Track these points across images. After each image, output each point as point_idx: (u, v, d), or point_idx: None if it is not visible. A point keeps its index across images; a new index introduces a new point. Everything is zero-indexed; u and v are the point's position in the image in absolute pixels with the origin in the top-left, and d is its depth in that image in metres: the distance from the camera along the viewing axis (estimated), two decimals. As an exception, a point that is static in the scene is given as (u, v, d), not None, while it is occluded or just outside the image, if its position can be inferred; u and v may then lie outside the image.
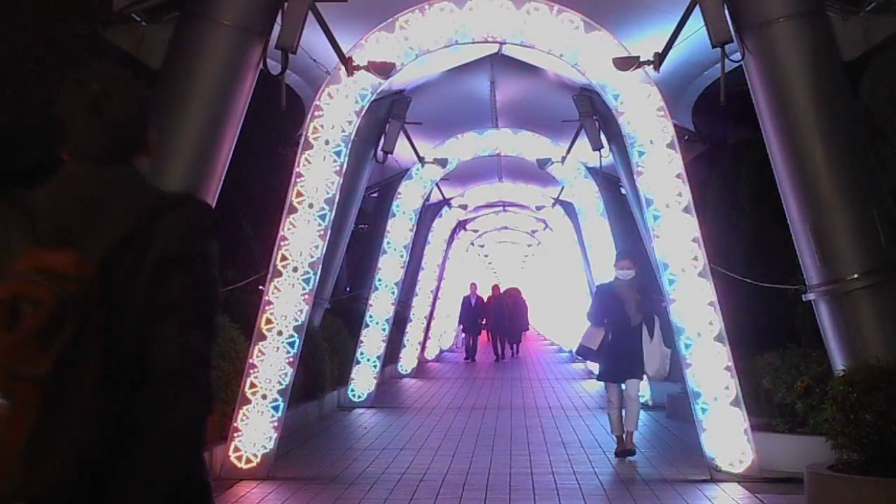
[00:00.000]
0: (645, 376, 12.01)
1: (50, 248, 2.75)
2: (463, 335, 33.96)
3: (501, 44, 13.04)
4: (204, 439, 2.84)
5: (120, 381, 2.72)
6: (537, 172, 20.33)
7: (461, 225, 31.49)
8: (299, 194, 10.76)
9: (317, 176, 10.79)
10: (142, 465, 2.71)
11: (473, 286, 33.21)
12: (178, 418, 2.75)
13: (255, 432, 10.29)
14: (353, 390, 17.98)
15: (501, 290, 35.32)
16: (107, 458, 2.69)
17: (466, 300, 32.53)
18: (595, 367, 15.04)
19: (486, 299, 33.82)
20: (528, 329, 37.31)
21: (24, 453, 2.57)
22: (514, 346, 34.21)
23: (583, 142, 16.77)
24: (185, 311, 2.81)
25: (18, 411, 2.57)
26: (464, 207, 27.00)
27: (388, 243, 19.52)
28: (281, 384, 10.44)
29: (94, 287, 2.70)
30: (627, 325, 11.69)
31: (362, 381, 18.16)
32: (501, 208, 29.74)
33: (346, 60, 10.72)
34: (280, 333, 10.48)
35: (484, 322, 32.97)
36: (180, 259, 2.82)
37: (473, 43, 11.49)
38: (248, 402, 10.36)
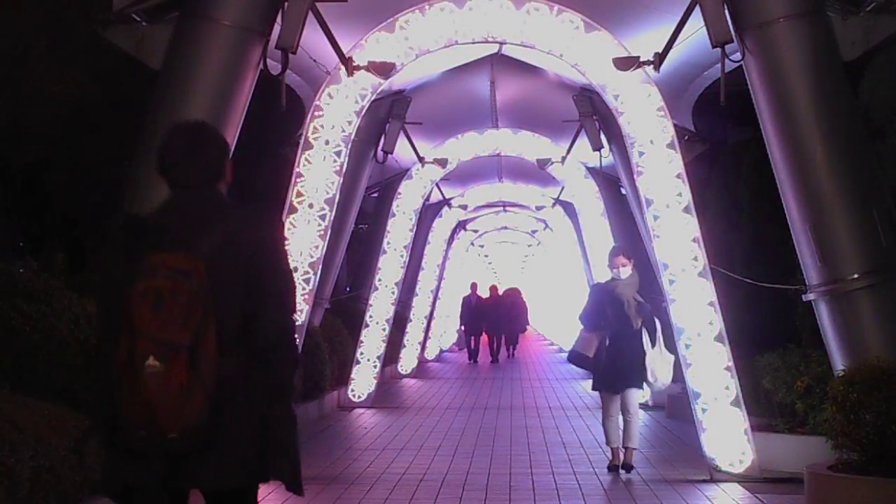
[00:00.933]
0: (645, 384, 10.85)
1: (171, 252, 3.89)
2: (465, 336, 33.67)
3: (501, 44, 13.05)
4: (293, 390, 4.18)
5: (227, 346, 3.91)
6: (537, 172, 20.32)
7: (461, 225, 31.44)
8: (299, 194, 10.77)
9: (317, 176, 10.79)
10: (252, 407, 3.98)
11: (474, 286, 32.91)
12: (279, 377, 4.04)
13: (255, 432, 10.27)
14: (353, 390, 17.98)
15: (500, 291, 35.04)
16: (223, 401, 3.89)
17: (467, 300, 32.33)
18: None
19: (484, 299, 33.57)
20: (525, 330, 37.04)
21: (177, 399, 3.75)
22: (511, 347, 33.58)
23: (583, 142, 16.76)
24: (278, 297, 4.05)
25: (171, 370, 3.75)
26: (464, 207, 26.97)
27: (388, 243, 19.50)
28: (281, 384, 10.42)
29: (204, 278, 3.86)
30: (629, 330, 10.55)
31: (362, 381, 18.14)
32: (501, 208, 29.70)
33: (346, 60, 10.72)
34: (280, 333, 10.46)
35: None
36: (270, 256, 4.06)
37: (473, 43, 11.49)
38: (248, 402, 10.33)
